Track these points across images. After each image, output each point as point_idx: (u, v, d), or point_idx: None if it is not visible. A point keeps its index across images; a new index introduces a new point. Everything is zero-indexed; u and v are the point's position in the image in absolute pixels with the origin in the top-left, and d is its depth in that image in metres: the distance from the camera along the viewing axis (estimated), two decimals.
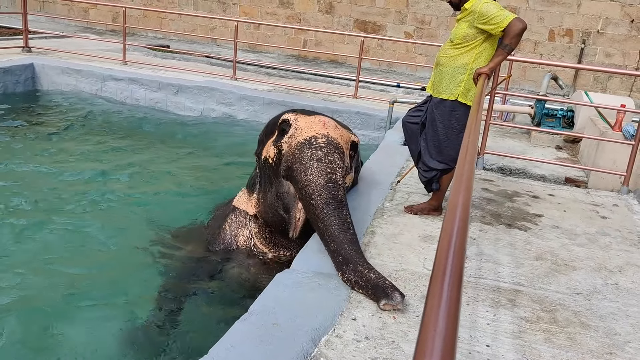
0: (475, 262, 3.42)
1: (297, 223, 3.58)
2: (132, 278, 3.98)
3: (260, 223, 4.02)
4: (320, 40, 13.68)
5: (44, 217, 4.78)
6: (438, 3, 12.57)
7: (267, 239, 3.98)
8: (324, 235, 3.22)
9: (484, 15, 3.67)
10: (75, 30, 14.45)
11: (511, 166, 5.73)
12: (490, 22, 3.66)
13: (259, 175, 4.03)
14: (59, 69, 9.11)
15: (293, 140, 3.64)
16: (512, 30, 3.63)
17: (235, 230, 4.14)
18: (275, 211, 3.78)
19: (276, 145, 3.74)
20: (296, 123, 3.72)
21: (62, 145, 6.80)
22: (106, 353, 3.22)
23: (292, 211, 3.61)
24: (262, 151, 3.94)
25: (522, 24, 3.63)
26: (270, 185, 3.81)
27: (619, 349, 2.64)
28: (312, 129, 3.64)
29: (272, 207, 3.80)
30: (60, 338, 3.30)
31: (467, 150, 2.06)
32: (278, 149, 3.72)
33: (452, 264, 1.12)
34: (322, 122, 3.71)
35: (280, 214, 3.73)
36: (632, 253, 3.82)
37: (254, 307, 2.64)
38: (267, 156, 3.82)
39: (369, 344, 2.46)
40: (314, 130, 3.62)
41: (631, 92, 11.55)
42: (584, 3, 11.60)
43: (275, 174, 3.72)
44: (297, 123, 3.72)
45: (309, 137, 3.57)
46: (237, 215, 4.18)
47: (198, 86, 8.57)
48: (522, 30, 3.65)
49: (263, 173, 3.94)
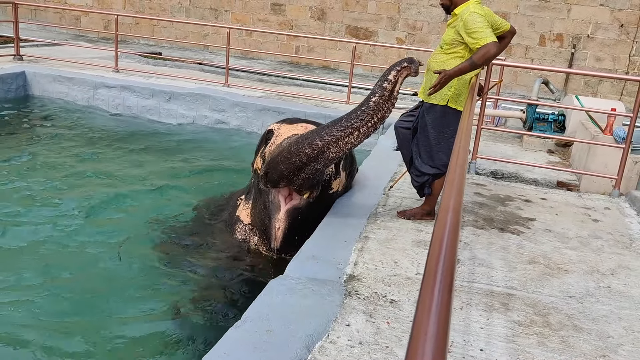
0: (468, 267, 3.42)
1: (277, 233, 3.69)
2: (131, 284, 3.98)
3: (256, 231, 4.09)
4: (312, 46, 13.71)
5: (38, 222, 4.79)
6: (429, 9, 12.64)
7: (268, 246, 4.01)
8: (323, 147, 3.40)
9: (467, 26, 3.71)
10: (67, 38, 14.42)
11: (503, 170, 5.76)
12: (471, 36, 3.71)
13: (252, 185, 4.14)
14: (51, 76, 9.07)
15: (272, 146, 3.79)
16: (484, 52, 3.62)
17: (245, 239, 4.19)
18: (262, 220, 3.88)
19: (261, 156, 3.87)
20: (278, 131, 3.87)
21: (54, 153, 6.77)
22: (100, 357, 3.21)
23: (273, 221, 3.69)
24: (254, 162, 4.07)
25: (494, 50, 3.63)
26: (260, 194, 3.90)
27: (612, 351, 2.65)
28: (291, 132, 3.77)
29: (260, 216, 3.90)
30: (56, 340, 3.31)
31: (459, 154, 2.07)
32: (263, 159, 3.84)
33: (443, 268, 1.12)
34: (304, 127, 3.83)
35: (265, 223, 3.81)
36: (624, 256, 3.84)
37: (247, 314, 2.64)
38: (256, 167, 3.95)
39: (363, 349, 2.45)
40: (293, 132, 3.75)
41: (621, 96, 11.63)
42: (574, 8, 11.69)
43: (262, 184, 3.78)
44: (279, 131, 3.86)
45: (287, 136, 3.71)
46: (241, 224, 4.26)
47: (190, 93, 8.56)
48: (493, 56, 3.67)
49: (254, 183, 4.05)
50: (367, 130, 3.43)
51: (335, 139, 3.41)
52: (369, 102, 3.39)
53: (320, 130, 3.48)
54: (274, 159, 3.57)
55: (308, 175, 3.56)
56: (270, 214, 3.75)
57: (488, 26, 3.70)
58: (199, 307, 3.71)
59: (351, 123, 3.40)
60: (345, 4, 13.25)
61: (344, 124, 3.42)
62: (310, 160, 3.45)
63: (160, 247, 4.51)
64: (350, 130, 3.40)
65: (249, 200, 4.21)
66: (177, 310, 3.67)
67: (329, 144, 3.41)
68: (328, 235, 3.68)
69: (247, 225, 4.18)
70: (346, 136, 3.41)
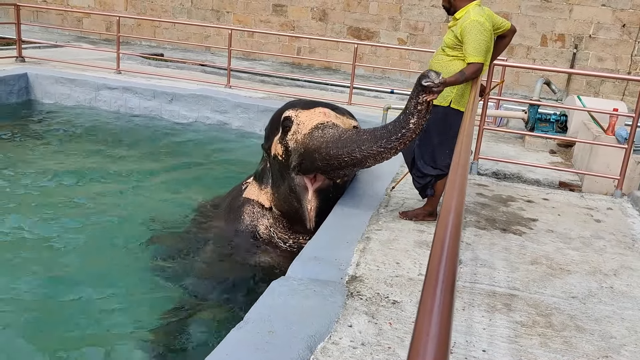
0: (471, 267, 3.42)
1: (310, 213, 3.87)
2: (131, 285, 3.99)
3: (276, 214, 4.24)
4: (314, 47, 13.71)
5: (38, 223, 4.80)
6: (431, 10, 12.64)
7: (286, 227, 4.22)
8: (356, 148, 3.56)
9: (464, 35, 3.76)
10: (69, 39, 14.44)
11: (505, 171, 5.75)
12: (465, 45, 3.76)
13: (270, 170, 4.25)
14: (53, 78, 9.08)
15: (298, 135, 3.87)
16: (474, 70, 3.73)
17: (254, 221, 4.32)
18: (290, 204, 4.02)
19: (282, 143, 3.97)
20: (297, 119, 3.94)
21: (56, 154, 6.78)
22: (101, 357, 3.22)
23: (303, 202, 3.87)
24: (271, 147, 4.15)
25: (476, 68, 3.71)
26: (283, 180, 4.03)
27: (615, 352, 2.65)
28: (314, 120, 3.86)
29: (287, 200, 4.03)
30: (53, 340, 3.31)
31: (460, 155, 2.07)
32: (285, 147, 3.94)
33: (444, 268, 1.12)
34: (323, 113, 3.95)
35: (295, 205, 3.96)
36: (627, 256, 3.83)
37: (249, 315, 2.63)
38: (275, 153, 4.05)
39: (365, 350, 2.45)
40: (317, 120, 3.85)
41: (623, 96, 11.61)
42: (576, 8, 11.68)
43: (286, 170, 3.94)
44: (299, 118, 3.94)
45: (314, 125, 3.81)
46: (254, 206, 4.35)
47: (192, 94, 8.57)
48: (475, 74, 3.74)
49: (274, 169, 4.16)
50: (404, 147, 3.60)
51: (374, 154, 3.58)
52: (409, 124, 3.45)
53: (362, 143, 3.58)
54: (310, 154, 3.72)
55: (344, 174, 3.87)
56: (299, 197, 3.91)
57: (486, 42, 3.74)
58: (200, 309, 3.72)
59: (391, 145, 3.53)
60: (347, 5, 13.26)
61: (384, 145, 3.53)
62: (347, 166, 3.68)
63: (160, 247, 4.53)
64: (389, 149, 3.55)
65: (265, 184, 4.31)
66: (178, 311, 3.67)
67: (368, 157, 3.59)
68: (330, 236, 3.68)
69: (265, 208, 4.28)
70: (385, 152, 3.57)
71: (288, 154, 3.90)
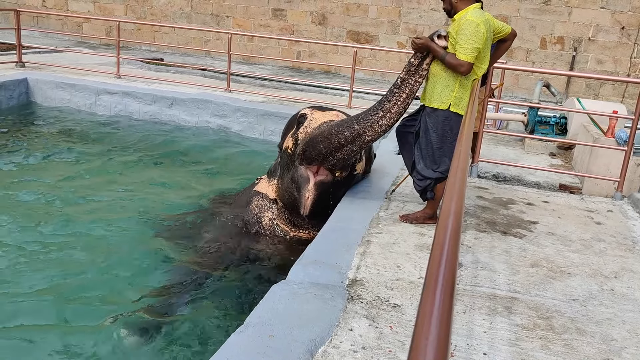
0: (471, 270, 3.42)
1: (307, 201, 4.09)
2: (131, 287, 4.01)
3: (279, 206, 4.49)
4: (313, 51, 13.73)
5: (38, 225, 4.83)
6: (430, 13, 12.66)
7: (288, 220, 4.46)
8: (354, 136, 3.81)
9: (459, 34, 3.77)
10: (69, 44, 14.46)
11: (505, 173, 5.75)
12: (458, 42, 3.77)
13: (280, 163, 4.55)
14: (53, 83, 9.10)
15: (308, 128, 4.17)
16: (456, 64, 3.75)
17: (260, 213, 4.58)
18: (290, 193, 4.27)
19: (293, 137, 4.26)
20: (311, 116, 4.30)
21: (56, 159, 6.79)
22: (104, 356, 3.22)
23: (303, 191, 4.10)
24: (283, 143, 4.45)
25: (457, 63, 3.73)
26: (288, 171, 4.31)
27: (616, 354, 2.64)
28: (325, 117, 4.21)
29: (288, 189, 4.29)
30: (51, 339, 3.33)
31: (460, 158, 2.07)
32: (295, 140, 4.23)
33: (444, 272, 1.12)
34: (335, 114, 4.30)
35: (294, 195, 4.20)
36: (627, 258, 3.82)
37: (250, 319, 2.63)
38: (286, 147, 4.33)
39: (366, 354, 2.45)
40: (327, 118, 4.20)
41: (623, 98, 11.61)
42: (575, 11, 11.70)
43: (292, 161, 4.21)
44: (313, 116, 4.30)
45: (324, 121, 4.14)
46: (263, 199, 4.62)
47: (192, 99, 8.58)
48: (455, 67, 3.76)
49: (282, 162, 4.45)
50: (399, 109, 3.78)
51: (370, 122, 3.79)
52: (397, 80, 3.75)
53: (357, 116, 3.90)
54: (314, 138, 3.95)
55: (344, 156, 3.95)
56: (299, 187, 4.14)
57: (478, 43, 3.75)
58: (202, 311, 3.71)
59: (382, 106, 3.79)
60: (346, 9, 13.28)
61: (377, 108, 3.81)
62: (348, 142, 3.84)
63: (161, 248, 4.53)
64: (382, 114, 3.78)
65: (274, 177, 4.60)
66: (178, 314, 3.67)
67: (366, 128, 3.79)
68: (330, 239, 3.68)
69: (271, 200, 4.55)
70: (380, 119, 3.78)
71: (296, 145, 4.16)
